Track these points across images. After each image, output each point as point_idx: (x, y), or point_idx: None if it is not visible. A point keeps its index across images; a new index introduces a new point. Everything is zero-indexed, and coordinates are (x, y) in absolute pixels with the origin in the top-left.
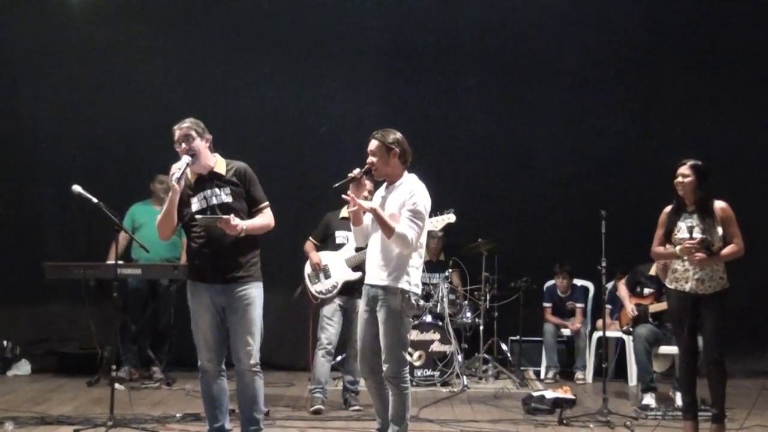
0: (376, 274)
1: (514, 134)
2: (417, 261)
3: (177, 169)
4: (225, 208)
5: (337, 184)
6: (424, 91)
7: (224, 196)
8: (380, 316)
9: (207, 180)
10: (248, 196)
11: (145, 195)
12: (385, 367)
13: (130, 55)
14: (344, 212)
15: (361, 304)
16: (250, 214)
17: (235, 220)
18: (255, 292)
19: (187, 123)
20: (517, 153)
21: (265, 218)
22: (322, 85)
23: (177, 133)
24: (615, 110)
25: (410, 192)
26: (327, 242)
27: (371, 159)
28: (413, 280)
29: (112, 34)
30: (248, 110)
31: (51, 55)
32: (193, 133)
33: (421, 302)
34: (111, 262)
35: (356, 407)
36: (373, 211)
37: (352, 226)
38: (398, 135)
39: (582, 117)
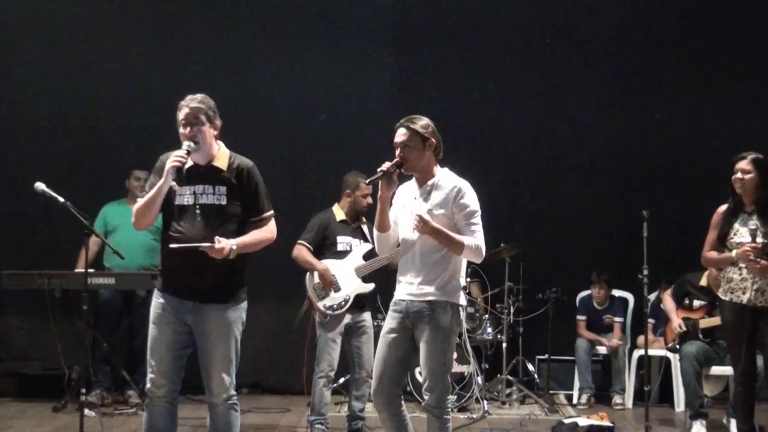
0: (418, 287)
1: (541, 122)
2: (463, 270)
3: (179, 159)
4: (215, 211)
5: (368, 180)
6: (437, 74)
7: (218, 196)
8: (425, 335)
9: (202, 172)
10: (248, 202)
11: (120, 194)
12: (426, 396)
13: (103, 37)
14: (341, 214)
15: (388, 323)
16: (248, 223)
17: (220, 242)
18: (234, 315)
19: (199, 100)
20: (545, 144)
21: (265, 232)
22: (321, 66)
23: (184, 111)
24: (660, 97)
25: (457, 191)
26: (325, 249)
27: (402, 151)
28: (462, 292)
29: (84, 12)
30: (238, 96)
31: (7, 34)
32: (203, 117)
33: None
34: (80, 270)
35: None
36: (433, 232)
37: (376, 232)
38: (429, 121)
39: (621, 104)
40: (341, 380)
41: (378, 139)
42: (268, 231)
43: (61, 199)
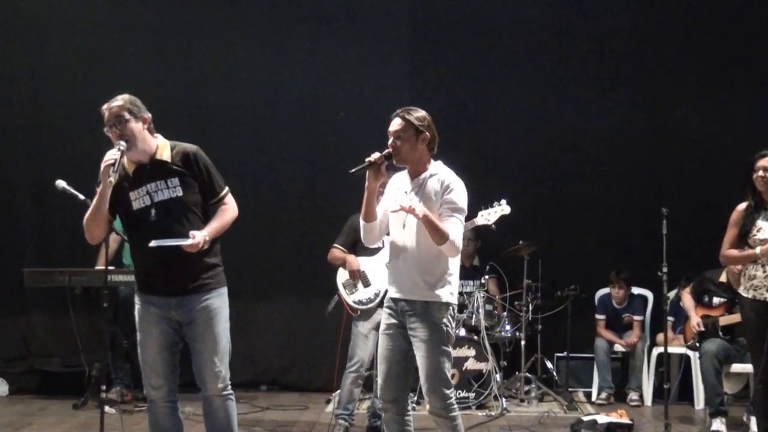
0: (410, 286)
1: (559, 120)
2: (456, 267)
3: (111, 157)
4: (173, 204)
5: (353, 170)
6: (454, 71)
7: (172, 190)
8: (419, 334)
9: (149, 170)
10: (203, 186)
11: None
12: (430, 400)
13: (123, 35)
14: None
15: (384, 321)
16: (207, 206)
17: (196, 236)
18: (218, 302)
19: (118, 102)
20: (564, 140)
21: (228, 212)
22: (337, 64)
23: (106, 115)
24: (680, 93)
25: (445, 184)
26: (356, 248)
27: (395, 142)
28: (455, 290)
29: (104, 11)
30: (257, 94)
31: (21, 32)
32: (126, 114)
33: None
34: (100, 267)
35: None
36: (425, 217)
37: (362, 222)
38: (427, 115)
39: (641, 101)
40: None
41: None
42: (231, 209)
43: (81, 197)
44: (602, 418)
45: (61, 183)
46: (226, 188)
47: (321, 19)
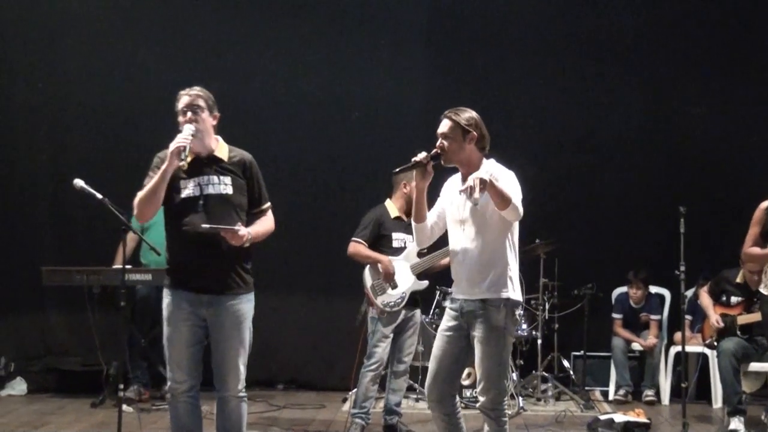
0: (470, 286)
1: (576, 118)
2: (516, 265)
3: (183, 140)
4: (222, 201)
5: (397, 170)
6: (471, 69)
7: (223, 186)
8: (479, 335)
9: (205, 163)
10: (251, 193)
11: None
12: (481, 397)
13: (133, 31)
14: (395, 211)
15: (445, 322)
16: (249, 214)
17: (242, 229)
18: (247, 307)
19: (197, 90)
20: (581, 140)
21: (268, 222)
22: (353, 64)
23: (184, 100)
24: (698, 91)
25: (494, 177)
26: (379, 245)
27: (442, 142)
28: (517, 288)
29: (123, 5)
30: (272, 93)
31: (41, 33)
32: (202, 103)
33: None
34: (117, 266)
35: None
36: (490, 183)
37: (413, 223)
38: (475, 115)
39: (659, 99)
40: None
41: (412, 134)
42: (270, 221)
43: (99, 196)
44: (619, 417)
45: (79, 182)
46: (269, 203)
47: (337, 18)
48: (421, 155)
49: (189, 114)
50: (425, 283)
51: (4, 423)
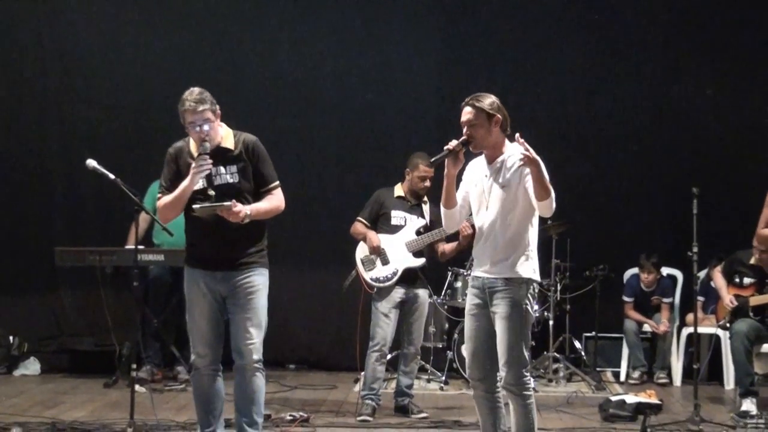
0: (493, 264)
1: (589, 98)
2: (535, 245)
3: (206, 166)
4: (229, 189)
5: (433, 159)
6: (485, 51)
7: (229, 176)
8: (500, 311)
9: (213, 156)
10: (256, 174)
11: None
12: (503, 373)
13: (144, 12)
14: (400, 191)
15: (469, 302)
16: (258, 194)
17: (237, 206)
18: (260, 280)
19: (206, 104)
20: (594, 120)
21: (274, 200)
22: (366, 45)
23: (192, 117)
24: (711, 72)
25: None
26: (379, 223)
27: (469, 130)
28: (536, 267)
29: None
30: (283, 75)
31: (51, 13)
32: (212, 116)
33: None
34: (130, 246)
35: (423, 414)
36: (538, 166)
37: (443, 209)
38: (495, 98)
39: (672, 79)
40: (388, 356)
41: (425, 116)
42: (278, 200)
43: (112, 176)
44: (631, 398)
45: (91, 162)
46: (278, 182)
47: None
48: (453, 143)
49: (201, 130)
50: (421, 260)
51: (18, 403)
